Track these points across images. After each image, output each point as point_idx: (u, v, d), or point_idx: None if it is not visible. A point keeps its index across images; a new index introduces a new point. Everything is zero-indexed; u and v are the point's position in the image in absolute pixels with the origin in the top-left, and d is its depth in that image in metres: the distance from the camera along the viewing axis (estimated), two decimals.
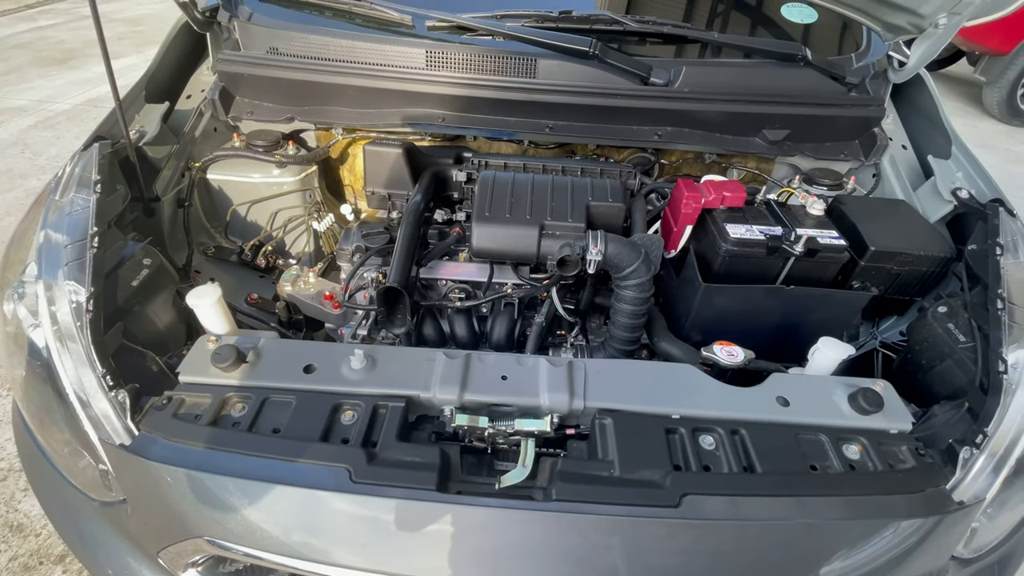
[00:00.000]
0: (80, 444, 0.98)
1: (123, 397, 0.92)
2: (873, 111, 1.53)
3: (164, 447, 0.87)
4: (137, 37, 6.38)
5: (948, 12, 1.35)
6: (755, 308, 1.27)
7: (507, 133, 1.54)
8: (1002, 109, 5.59)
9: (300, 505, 0.81)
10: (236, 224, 1.63)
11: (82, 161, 1.20)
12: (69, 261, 1.02)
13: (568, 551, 0.80)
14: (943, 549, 0.92)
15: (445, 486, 0.83)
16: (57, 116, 4.52)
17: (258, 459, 0.83)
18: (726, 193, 1.28)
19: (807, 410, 0.97)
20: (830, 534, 0.85)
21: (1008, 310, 1.06)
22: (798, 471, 0.88)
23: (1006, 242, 1.18)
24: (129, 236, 1.21)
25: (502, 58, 1.44)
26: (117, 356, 1.00)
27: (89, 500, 1.00)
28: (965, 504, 0.90)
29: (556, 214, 1.23)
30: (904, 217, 1.39)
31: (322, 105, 1.59)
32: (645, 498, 0.80)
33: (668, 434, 0.92)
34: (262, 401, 0.93)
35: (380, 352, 1.02)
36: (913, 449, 0.94)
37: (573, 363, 1.02)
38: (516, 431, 0.92)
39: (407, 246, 1.20)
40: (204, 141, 1.59)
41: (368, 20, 1.53)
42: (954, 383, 1.10)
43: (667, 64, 1.47)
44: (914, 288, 1.34)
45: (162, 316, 1.18)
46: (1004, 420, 0.95)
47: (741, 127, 1.53)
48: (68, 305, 0.98)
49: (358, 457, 0.82)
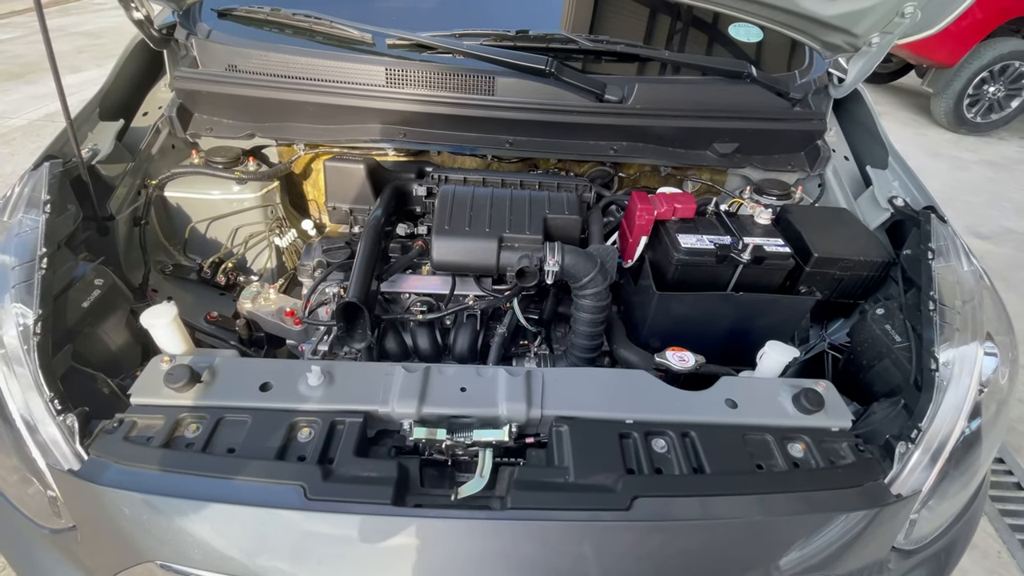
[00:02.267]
0: (28, 470, 0.95)
1: (72, 421, 0.90)
2: (815, 125, 1.61)
3: (114, 471, 0.85)
4: (97, 51, 6.24)
5: (880, 32, 1.45)
6: (708, 314, 1.31)
7: (468, 148, 1.57)
8: (949, 118, 5.91)
9: (254, 525, 0.81)
10: (195, 241, 1.61)
11: (31, 181, 1.18)
12: (16, 283, 1.00)
13: (525, 558, 0.81)
14: (884, 539, 0.97)
15: (402, 500, 0.83)
16: (13, 132, 4.38)
17: (211, 480, 0.82)
18: (677, 205, 1.33)
19: (754, 411, 1.01)
20: (775, 530, 0.88)
21: (939, 311, 1.13)
22: (745, 471, 0.91)
23: (937, 247, 1.26)
24: (80, 256, 1.19)
25: (461, 76, 1.48)
26: (66, 379, 0.98)
27: (39, 528, 0.97)
28: (902, 496, 0.95)
29: (514, 227, 1.26)
30: (846, 225, 1.46)
31: (283, 121, 1.60)
32: (598, 502, 0.83)
33: (622, 439, 0.95)
34: (217, 421, 0.92)
35: (338, 368, 1.02)
36: (853, 445, 0.99)
37: (531, 372, 1.04)
38: (474, 442, 0.93)
39: (367, 260, 1.21)
40: (161, 158, 1.57)
41: (328, 38, 1.55)
42: (892, 381, 1.16)
43: (621, 82, 1.52)
44: (857, 291, 1.41)
45: (115, 337, 1.16)
46: (937, 415, 1.01)
47: (692, 141, 1.59)
48: (15, 328, 0.96)
49: (313, 474, 0.83)
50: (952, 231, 1.32)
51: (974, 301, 1.15)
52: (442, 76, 1.47)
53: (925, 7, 1.34)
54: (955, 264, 1.22)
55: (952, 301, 1.14)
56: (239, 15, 1.58)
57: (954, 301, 1.14)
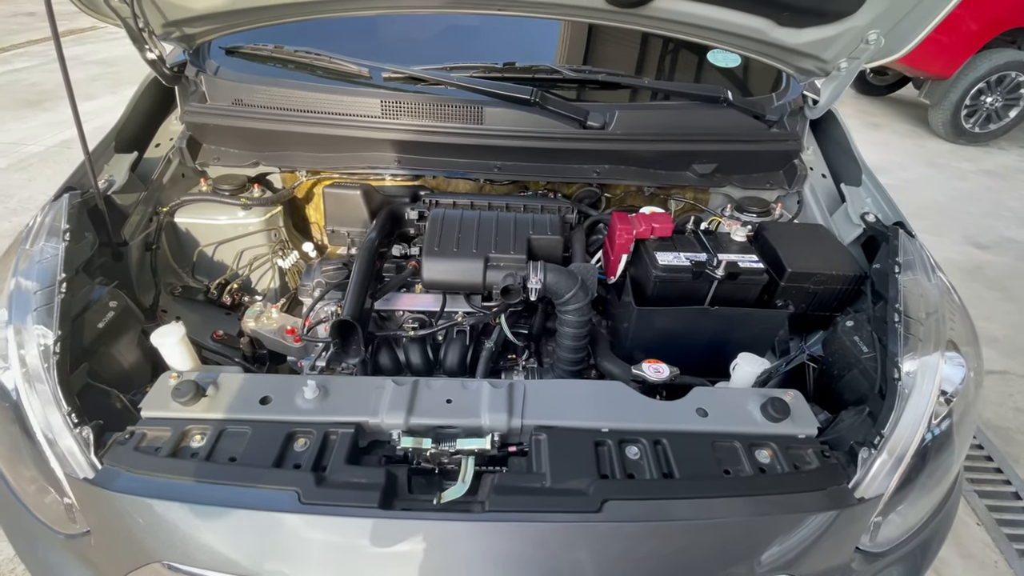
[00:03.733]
0: (46, 480, 1.03)
1: (87, 433, 0.98)
2: (791, 145, 1.69)
3: (126, 479, 0.93)
4: (112, 78, 6.47)
5: (847, 57, 1.52)
6: (687, 327, 1.38)
7: (460, 173, 1.66)
8: (947, 129, 5.96)
9: (252, 527, 0.88)
10: (203, 264, 1.71)
11: (52, 211, 1.28)
12: (38, 307, 1.09)
13: (503, 557, 0.87)
14: (847, 541, 1.02)
15: (389, 504, 0.90)
16: (30, 158, 4.55)
17: (214, 486, 0.89)
18: (655, 224, 1.41)
19: (723, 420, 1.07)
20: (740, 531, 0.94)
21: (904, 323, 1.18)
22: (712, 475, 0.97)
23: (905, 261, 1.31)
24: (96, 281, 1.28)
25: (452, 106, 1.57)
26: (82, 395, 1.06)
27: (55, 533, 1.04)
28: (865, 499, 1.00)
29: (500, 247, 1.34)
30: (820, 240, 1.53)
31: (285, 151, 1.70)
32: (571, 505, 0.89)
33: (597, 446, 1.01)
34: (219, 432, 1.00)
35: (332, 382, 1.10)
36: (818, 452, 1.05)
37: (513, 384, 1.11)
38: (457, 450, 1.00)
39: (361, 280, 1.29)
40: (172, 187, 1.67)
41: (328, 72, 1.66)
42: (859, 390, 1.22)
43: (603, 108, 1.61)
44: (832, 304, 1.47)
45: (127, 356, 1.24)
46: (900, 423, 1.05)
47: (672, 163, 1.67)
48: (36, 348, 1.05)
49: (307, 480, 0.90)
50: (919, 246, 1.38)
51: (938, 313, 1.20)
52: (434, 107, 1.57)
53: (888, 34, 1.42)
54: (920, 277, 1.28)
55: (917, 313, 1.19)
56: (245, 52, 1.69)
57: (919, 313, 1.19)
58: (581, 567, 0.88)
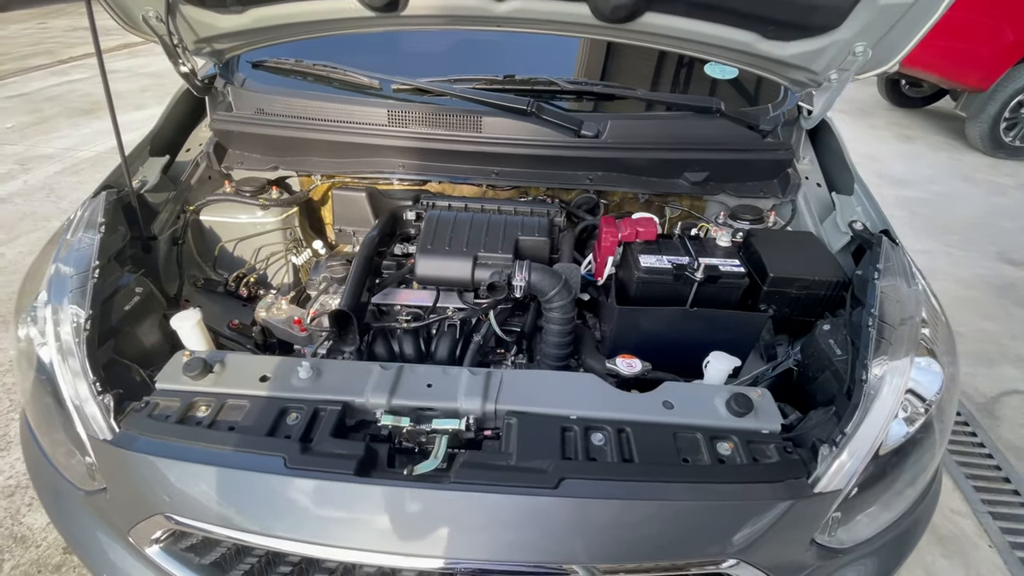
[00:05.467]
0: (73, 443, 1.16)
1: (108, 401, 1.10)
2: (783, 154, 1.72)
3: (139, 441, 1.04)
4: (159, 89, 6.92)
5: (837, 69, 1.56)
6: (669, 328, 1.43)
7: (460, 178, 1.76)
8: (986, 142, 5.77)
9: (243, 486, 0.98)
10: (224, 259, 1.85)
11: (91, 206, 1.44)
12: (73, 289, 1.23)
13: (464, 523, 0.95)
14: (801, 533, 1.04)
15: (365, 472, 0.99)
16: (82, 163, 4.91)
17: (212, 449, 1.00)
18: (640, 228, 1.47)
19: (688, 412, 1.12)
20: (693, 514, 0.98)
21: (878, 327, 1.21)
22: (670, 462, 1.02)
23: (886, 268, 1.34)
24: (126, 269, 1.43)
25: (453, 115, 1.68)
26: (107, 368, 1.19)
27: (77, 490, 1.17)
28: (820, 494, 1.03)
29: (489, 247, 1.43)
30: (807, 247, 1.56)
31: (302, 156, 1.84)
32: (530, 481, 0.95)
33: (564, 432, 1.08)
34: (222, 404, 1.11)
35: (326, 365, 1.20)
36: (780, 447, 1.08)
37: (491, 373, 1.19)
38: (433, 429, 1.08)
39: (359, 274, 1.40)
40: (199, 188, 1.83)
41: (343, 83, 1.79)
42: (830, 391, 1.24)
43: (597, 118, 1.69)
44: (817, 310, 1.49)
45: (149, 336, 1.38)
46: (864, 423, 1.08)
47: (663, 171, 1.73)
48: (70, 325, 1.18)
49: (294, 448, 0.99)
50: (902, 253, 1.40)
51: (914, 320, 1.22)
52: (435, 116, 1.68)
53: (875, 46, 1.45)
54: (900, 284, 1.30)
55: (892, 319, 1.22)
56: (269, 66, 1.84)
57: (894, 319, 1.22)
58: (538, 538, 0.95)
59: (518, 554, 0.95)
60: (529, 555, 0.95)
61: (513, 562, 0.95)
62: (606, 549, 0.95)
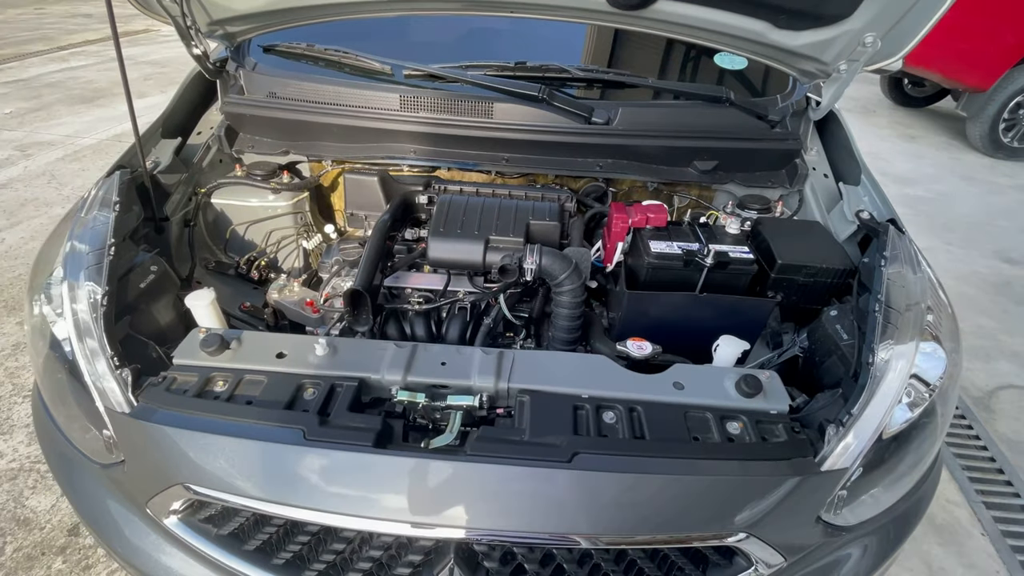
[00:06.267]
0: (89, 418, 1.17)
1: (126, 375, 1.12)
2: (791, 144, 1.74)
3: (159, 413, 1.06)
4: (162, 78, 6.88)
5: (846, 60, 1.58)
6: (678, 313, 1.45)
7: (471, 164, 1.77)
8: (985, 143, 5.81)
9: (262, 457, 0.99)
10: (235, 242, 1.86)
11: (105, 186, 1.44)
12: (89, 265, 1.24)
13: (479, 493, 0.97)
14: (808, 510, 1.07)
15: (383, 445, 1.00)
16: (83, 150, 4.89)
17: (232, 421, 1.02)
18: (650, 215, 1.49)
19: (698, 393, 1.14)
20: (703, 489, 1.00)
21: (884, 312, 1.23)
22: (681, 440, 1.04)
23: (892, 255, 1.36)
24: (140, 248, 1.44)
25: (464, 101, 1.69)
26: (124, 343, 1.21)
27: (93, 463, 1.19)
28: (827, 472, 1.05)
29: (500, 230, 1.44)
30: (814, 235, 1.58)
31: (313, 140, 1.85)
32: (544, 455, 0.97)
33: (576, 410, 1.09)
34: (239, 380, 1.12)
35: (341, 343, 1.21)
36: (788, 427, 1.10)
37: (503, 352, 1.20)
38: (447, 405, 1.10)
39: (372, 256, 1.41)
40: (210, 170, 1.83)
41: (354, 69, 1.80)
42: (837, 375, 1.26)
43: (608, 106, 1.70)
44: (823, 297, 1.51)
45: (164, 314, 1.39)
46: (870, 404, 1.10)
47: (673, 159, 1.75)
48: (87, 301, 1.19)
49: (312, 421, 1.01)
50: (908, 242, 1.42)
51: (919, 305, 1.24)
52: (448, 102, 1.69)
53: (885, 36, 1.47)
54: (906, 271, 1.32)
55: (898, 304, 1.24)
56: (281, 50, 1.84)
57: (899, 304, 1.24)
58: (552, 510, 0.97)
59: (530, 525, 0.97)
60: (541, 526, 0.97)
61: (525, 532, 0.97)
62: (617, 522, 0.97)
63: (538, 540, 0.98)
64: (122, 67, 1.33)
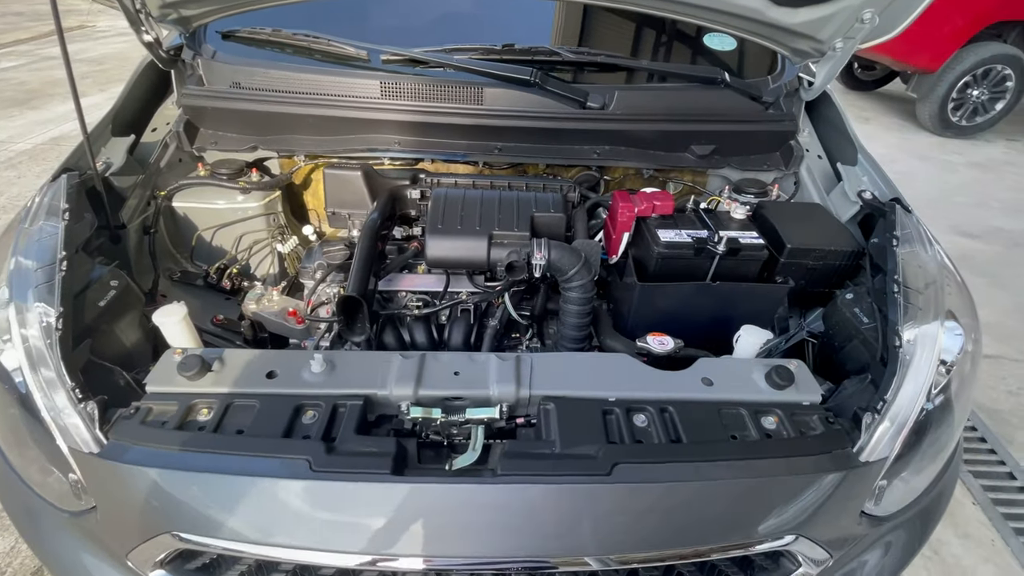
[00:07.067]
0: (50, 458, 1.02)
1: (92, 408, 0.97)
2: (787, 126, 1.70)
3: (134, 451, 0.92)
4: (101, 76, 6.41)
5: (843, 37, 1.54)
6: (689, 303, 1.39)
7: (460, 155, 1.66)
8: (935, 122, 6.04)
9: (263, 495, 0.87)
10: (201, 249, 1.69)
11: (50, 191, 1.27)
12: (38, 284, 1.08)
13: (515, 518, 0.88)
14: (853, 504, 1.03)
15: (401, 471, 0.90)
16: (19, 156, 4.49)
17: (223, 456, 0.89)
18: (656, 202, 1.42)
19: (728, 388, 1.08)
20: (748, 492, 0.95)
21: (903, 293, 1.20)
22: (719, 440, 0.98)
23: (902, 234, 1.33)
24: (97, 260, 1.27)
25: (451, 87, 1.57)
26: (85, 371, 1.05)
27: (59, 512, 1.03)
28: (869, 463, 1.01)
29: (503, 225, 1.34)
30: (818, 218, 1.54)
31: (284, 134, 1.69)
32: (581, 468, 0.89)
33: (605, 415, 1.02)
34: (226, 406, 0.99)
35: (339, 357, 1.09)
36: (823, 418, 1.06)
37: (520, 357, 1.11)
38: (467, 420, 1.00)
39: (364, 259, 1.29)
40: (169, 171, 1.66)
41: (326, 55, 1.65)
42: (860, 360, 1.23)
43: (602, 90, 1.62)
44: (831, 280, 1.48)
45: (129, 335, 1.23)
46: (902, 388, 1.07)
47: (671, 144, 1.68)
48: (38, 325, 1.03)
49: (317, 449, 0.89)
50: (916, 220, 1.40)
51: (936, 284, 1.22)
52: (433, 88, 1.57)
53: (883, 13, 1.44)
54: (919, 250, 1.30)
55: (916, 284, 1.21)
56: (242, 36, 1.68)
57: (918, 283, 1.21)
58: (593, 527, 0.89)
59: (571, 547, 0.89)
60: (584, 548, 0.89)
61: (567, 556, 0.89)
62: (665, 535, 0.90)
63: (582, 564, 0.90)
64: (66, 59, 1.16)
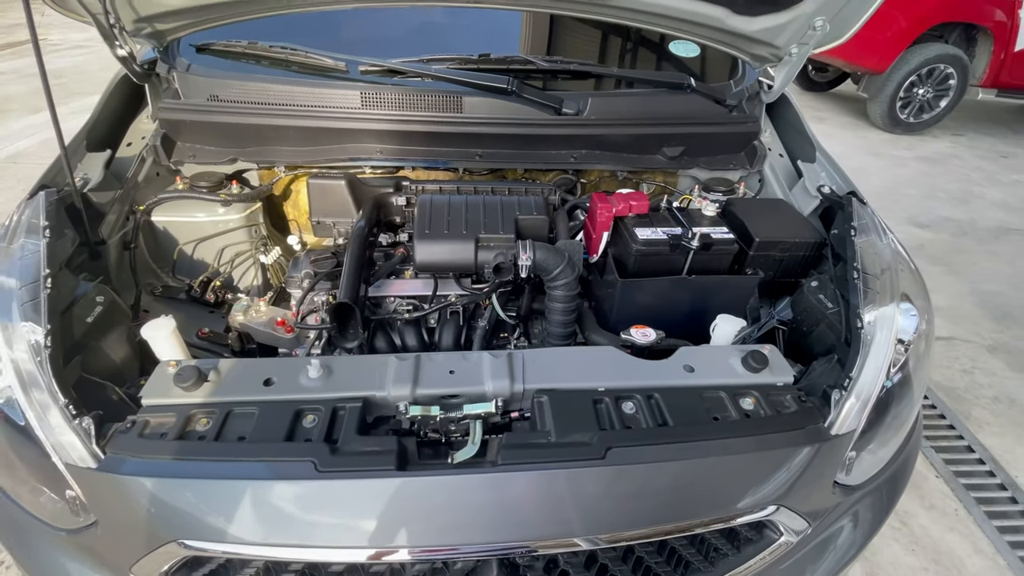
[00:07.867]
0: (44, 477, 1.01)
1: (88, 424, 0.96)
2: (750, 127, 1.80)
3: (134, 463, 0.92)
4: (60, 90, 6.19)
5: (797, 43, 1.65)
6: (668, 297, 1.46)
7: (441, 162, 1.70)
8: (885, 120, 6.37)
9: (270, 497, 0.89)
10: (183, 263, 1.68)
11: (29, 209, 1.25)
12: (24, 303, 1.07)
13: (516, 504, 0.92)
14: (826, 474, 1.11)
15: (404, 467, 0.93)
16: None
17: (227, 462, 0.90)
18: (632, 203, 1.49)
19: (708, 374, 1.14)
20: (733, 468, 1.01)
21: (863, 279, 1.29)
22: (703, 422, 1.05)
23: (859, 225, 1.43)
24: (81, 277, 1.26)
25: (431, 96, 1.61)
26: (78, 387, 1.04)
27: (55, 531, 1.02)
28: (839, 435, 1.09)
29: (489, 228, 1.39)
30: (782, 212, 1.64)
31: (264, 145, 1.70)
32: (577, 454, 0.94)
33: (595, 404, 1.07)
34: (226, 414, 1.00)
35: (335, 361, 1.12)
36: (796, 397, 1.14)
37: (512, 353, 1.16)
38: (465, 415, 1.04)
39: (355, 265, 1.32)
40: (147, 186, 1.65)
41: (304, 67, 1.67)
42: (827, 342, 1.32)
43: (576, 96, 1.69)
44: (797, 270, 1.58)
45: (117, 350, 1.22)
46: (865, 366, 1.16)
47: (644, 147, 1.76)
48: (26, 344, 1.03)
49: (321, 450, 0.92)
50: (871, 211, 1.51)
51: (891, 269, 1.32)
52: (413, 98, 1.61)
53: (832, 20, 1.55)
54: (874, 239, 1.40)
55: (873, 270, 1.31)
56: (217, 49, 1.68)
57: (875, 270, 1.31)
58: (591, 508, 0.94)
59: (572, 528, 0.93)
60: (584, 528, 0.93)
61: (567, 537, 0.93)
62: (659, 512, 0.96)
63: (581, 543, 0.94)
64: (43, 71, 1.15)
